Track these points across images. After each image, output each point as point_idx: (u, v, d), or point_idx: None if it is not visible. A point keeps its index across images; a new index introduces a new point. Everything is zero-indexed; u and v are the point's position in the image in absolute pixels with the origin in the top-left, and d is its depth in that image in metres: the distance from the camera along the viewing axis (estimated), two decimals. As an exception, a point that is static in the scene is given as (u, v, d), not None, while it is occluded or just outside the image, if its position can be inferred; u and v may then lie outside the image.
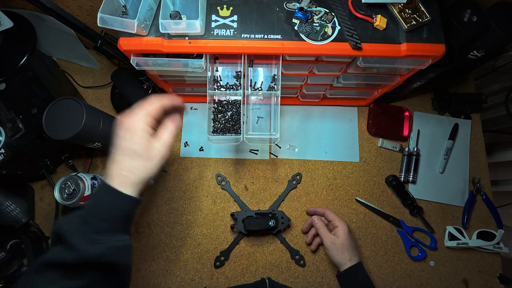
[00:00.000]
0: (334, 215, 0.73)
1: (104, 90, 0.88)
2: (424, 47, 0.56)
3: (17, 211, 0.71)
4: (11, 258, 0.68)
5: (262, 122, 0.68)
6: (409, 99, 0.88)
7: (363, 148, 0.84)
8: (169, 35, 0.55)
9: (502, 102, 0.87)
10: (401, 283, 0.76)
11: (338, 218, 0.72)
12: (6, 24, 0.66)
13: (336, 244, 0.69)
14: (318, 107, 0.87)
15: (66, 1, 0.68)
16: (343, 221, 0.71)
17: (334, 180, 0.82)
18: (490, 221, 0.81)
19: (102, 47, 0.67)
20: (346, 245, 0.68)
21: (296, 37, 0.56)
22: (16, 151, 0.65)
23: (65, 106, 0.60)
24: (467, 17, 0.69)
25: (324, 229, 0.72)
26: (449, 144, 0.84)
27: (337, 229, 0.70)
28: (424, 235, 0.79)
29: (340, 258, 0.68)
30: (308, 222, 0.76)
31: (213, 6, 0.57)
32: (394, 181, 0.80)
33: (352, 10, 0.57)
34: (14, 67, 0.68)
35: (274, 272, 0.75)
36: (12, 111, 0.67)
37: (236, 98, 0.65)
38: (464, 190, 0.82)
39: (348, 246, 0.69)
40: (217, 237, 0.77)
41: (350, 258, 0.68)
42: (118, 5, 0.55)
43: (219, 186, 0.80)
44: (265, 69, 0.65)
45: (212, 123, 0.64)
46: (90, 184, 0.67)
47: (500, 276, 0.77)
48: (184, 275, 0.74)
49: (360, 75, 0.70)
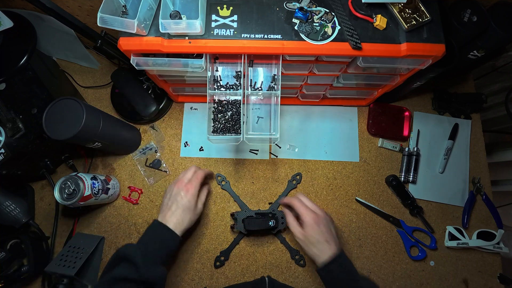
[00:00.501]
0: (300, 204, 0.66)
1: (104, 90, 0.88)
2: (424, 47, 0.56)
3: (17, 211, 0.71)
4: (11, 258, 0.68)
5: (262, 122, 0.68)
6: (409, 99, 0.88)
7: (363, 148, 0.84)
8: (169, 35, 0.55)
9: (502, 102, 0.87)
10: (401, 283, 0.76)
11: (306, 211, 0.65)
12: (6, 24, 0.66)
13: (301, 239, 0.64)
14: (318, 107, 0.87)
15: (66, 1, 0.68)
16: (310, 214, 0.64)
17: (334, 180, 0.82)
18: (490, 221, 0.81)
19: (102, 47, 0.67)
20: (311, 240, 0.62)
21: (296, 37, 0.56)
22: (16, 151, 0.65)
23: (65, 106, 0.60)
24: (467, 17, 0.69)
25: (292, 219, 0.67)
26: (449, 144, 0.84)
27: (301, 221, 0.65)
28: (424, 235, 0.79)
29: (308, 253, 0.63)
30: None
31: (213, 6, 0.57)
32: (394, 181, 0.80)
33: (352, 10, 0.57)
34: (14, 67, 0.68)
35: (274, 272, 0.75)
36: (12, 111, 0.67)
37: (236, 98, 0.65)
38: (464, 190, 0.82)
39: (314, 241, 0.62)
40: (217, 237, 0.77)
41: (319, 254, 0.61)
42: (118, 5, 0.55)
43: (219, 186, 0.80)
44: (265, 69, 0.65)
45: (212, 123, 0.64)
46: (90, 184, 0.67)
47: (500, 276, 0.77)
48: (184, 275, 0.74)
49: (360, 75, 0.70)
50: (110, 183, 0.75)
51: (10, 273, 0.68)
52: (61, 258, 0.69)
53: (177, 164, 0.82)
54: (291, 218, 0.68)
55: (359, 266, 0.76)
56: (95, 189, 0.68)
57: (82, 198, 0.65)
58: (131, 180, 0.81)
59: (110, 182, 0.75)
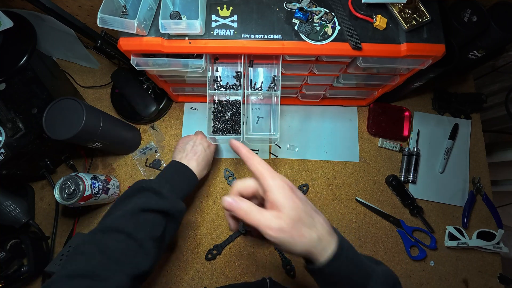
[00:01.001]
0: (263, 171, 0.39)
1: (104, 90, 0.88)
2: (424, 47, 0.56)
3: (17, 211, 0.71)
4: (11, 258, 0.68)
5: (262, 122, 0.68)
6: (409, 99, 0.88)
7: (363, 148, 0.84)
8: (169, 35, 0.55)
9: (502, 102, 0.87)
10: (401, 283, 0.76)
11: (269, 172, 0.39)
12: (6, 24, 0.66)
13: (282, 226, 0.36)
14: (318, 107, 0.87)
15: (66, 1, 0.68)
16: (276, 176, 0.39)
17: (334, 180, 0.82)
18: (490, 221, 0.81)
19: (102, 47, 0.67)
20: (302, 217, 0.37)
21: (296, 37, 0.56)
22: (16, 151, 0.65)
23: (65, 106, 0.60)
24: (467, 17, 0.69)
25: (252, 207, 0.37)
26: (449, 144, 0.84)
27: (268, 200, 0.38)
28: (424, 235, 0.79)
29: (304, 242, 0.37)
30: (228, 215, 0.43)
31: (213, 6, 0.57)
32: (394, 181, 0.80)
33: (352, 10, 0.57)
34: (14, 67, 0.68)
35: (274, 272, 0.75)
36: (12, 111, 0.67)
37: (236, 98, 0.65)
38: (464, 190, 0.82)
39: (306, 220, 0.38)
40: (217, 237, 0.77)
41: (318, 239, 0.38)
42: (118, 5, 0.55)
43: (224, 182, 0.80)
44: (265, 69, 0.65)
45: (212, 123, 0.64)
46: (90, 184, 0.67)
47: (500, 276, 0.77)
48: (184, 275, 0.74)
49: (360, 75, 0.70)
50: (110, 183, 0.75)
51: (10, 273, 0.68)
52: (61, 258, 0.69)
53: (177, 164, 0.82)
54: (253, 206, 0.38)
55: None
56: (95, 189, 0.68)
57: (82, 198, 0.65)
58: (131, 180, 0.81)
59: (110, 182, 0.75)
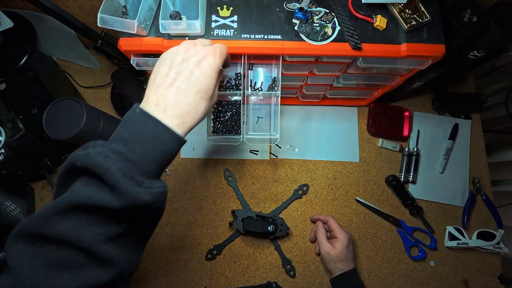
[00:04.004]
0: (337, 225, 0.71)
1: (104, 90, 0.88)
2: (424, 47, 0.56)
3: (17, 211, 0.71)
4: (11, 258, 0.68)
5: (262, 122, 0.68)
6: (409, 99, 0.88)
7: (363, 148, 0.84)
8: (169, 35, 0.55)
9: (502, 102, 0.87)
10: (401, 283, 0.76)
11: (340, 229, 0.70)
12: (6, 24, 0.66)
13: (331, 255, 0.68)
14: (318, 107, 0.87)
15: (66, 1, 0.68)
16: (344, 233, 0.69)
17: (334, 180, 0.82)
18: (490, 221, 0.81)
19: (102, 47, 0.67)
20: (340, 257, 0.67)
21: (296, 37, 0.56)
22: (16, 151, 0.65)
23: (65, 106, 0.60)
24: (467, 17, 0.68)
25: (323, 237, 0.71)
26: (449, 144, 0.84)
27: (335, 240, 0.69)
28: (424, 235, 0.79)
29: (331, 267, 0.69)
30: (313, 231, 0.76)
31: (213, 6, 0.57)
32: (394, 181, 0.80)
33: (352, 10, 0.57)
34: (14, 67, 0.68)
35: (274, 272, 0.75)
36: (12, 111, 0.67)
37: (236, 98, 0.65)
38: (464, 190, 0.82)
39: (343, 259, 0.67)
40: (217, 237, 0.77)
41: (343, 269, 0.68)
42: (118, 5, 0.55)
43: (220, 185, 0.80)
44: (265, 70, 0.65)
45: (212, 123, 0.64)
46: (90, 184, 0.67)
47: (500, 276, 0.77)
48: (184, 275, 0.74)
49: (360, 75, 0.70)
50: (110, 183, 0.75)
51: (10, 273, 0.68)
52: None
53: (177, 164, 0.82)
54: (324, 236, 0.71)
55: (359, 266, 0.76)
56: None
57: (82, 198, 0.65)
58: (131, 180, 0.81)
59: (110, 182, 0.75)
